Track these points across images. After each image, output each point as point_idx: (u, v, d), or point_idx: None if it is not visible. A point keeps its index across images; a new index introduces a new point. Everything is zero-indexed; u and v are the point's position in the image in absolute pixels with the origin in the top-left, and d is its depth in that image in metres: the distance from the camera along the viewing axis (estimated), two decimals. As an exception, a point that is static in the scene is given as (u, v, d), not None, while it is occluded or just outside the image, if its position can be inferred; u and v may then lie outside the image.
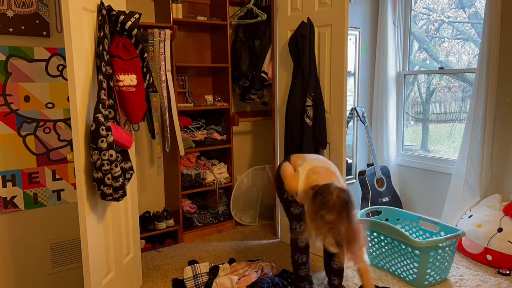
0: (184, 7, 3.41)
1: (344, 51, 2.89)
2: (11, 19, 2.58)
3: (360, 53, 4.08)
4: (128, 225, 2.61)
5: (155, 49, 3.06)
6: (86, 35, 2.07)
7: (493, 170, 3.38)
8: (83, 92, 2.04)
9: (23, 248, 2.77)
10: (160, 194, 3.58)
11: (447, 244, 2.68)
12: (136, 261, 2.72)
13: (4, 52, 2.59)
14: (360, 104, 4.16)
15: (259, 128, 4.04)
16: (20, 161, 2.71)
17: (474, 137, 3.35)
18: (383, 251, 2.89)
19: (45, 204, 2.83)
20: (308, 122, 2.98)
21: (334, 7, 2.91)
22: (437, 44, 4.20)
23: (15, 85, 2.65)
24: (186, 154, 3.49)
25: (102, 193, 2.08)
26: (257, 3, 3.54)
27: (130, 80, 2.22)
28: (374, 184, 3.88)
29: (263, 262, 2.86)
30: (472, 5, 3.81)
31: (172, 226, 3.37)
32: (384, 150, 4.15)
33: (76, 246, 2.94)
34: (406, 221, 3.21)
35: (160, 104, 3.15)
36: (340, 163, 3.01)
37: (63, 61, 2.80)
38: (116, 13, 2.19)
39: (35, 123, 2.74)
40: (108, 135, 2.03)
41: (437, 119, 4.25)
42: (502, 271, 2.85)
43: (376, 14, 4.11)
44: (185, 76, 3.52)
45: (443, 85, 4.14)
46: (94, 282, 2.14)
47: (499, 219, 2.98)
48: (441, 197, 3.74)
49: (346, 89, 2.95)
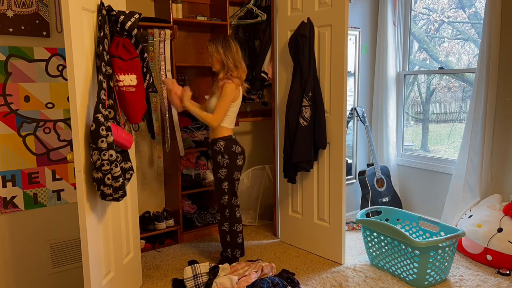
0: (184, 7, 3.41)
1: (344, 51, 2.89)
2: (11, 19, 2.58)
3: (360, 53, 4.08)
4: (128, 225, 2.61)
5: (155, 49, 3.06)
6: (86, 35, 2.07)
7: (493, 170, 3.38)
8: (83, 92, 2.04)
9: (23, 248, 2.77)
10: (160, 194, 3.58)
11: (447, 244, 2.68)
12: (136, 261, 2.72)
13: (4, 52, 2.60)
14: (360, 104, 4.16)
15: (259, 128, 4.04)
16: (20, 161, 2.71)
17: (474, 137, 3.36)
18: (383, 251, 2.89)
19: (45, 204, 2.83)
20: (302, 122, 2.98)
21: (334, 7, 2.91)
22: (437, 44, 4.20)
23: (15, 85, 2.65)
24: (186, 154, 3.49)
25: (102, 193, 2.08)
26: (257, 3, 3.54)
27: (130, 80, 2.23)
28: (374, 184, 3.88)
29: (263, 262, 2.86)
30: (472, 5, 3.81)
31: (172, 226, 3.37)
32: (384, 150, 4.15)
33: (76, 246, 2.95)
34: (406, 221, 3.21)
35: (160, 104, 3.16)
36: (340, 163, 3.02)
37: (63, 61, 2.80)
38: (116, 13, 2.19)
39: (35, 123, 2.74)
40: (108, 135, 2.03)
41: (437, 119, 4.25)
42: (502, 271, 2.85)
43: (376, 14, 4.11)
44: (185, 76, 3.52)
45: (443, 85, 4.14)
46: (94, 282, 2.14)
47: (499, 219, 2.98)
48: (441, 197, 3.75)
49: (346, 89, 2.95)
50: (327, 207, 3.14)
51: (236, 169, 2.87)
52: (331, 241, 3.14)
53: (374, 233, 2.91)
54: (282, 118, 3.33)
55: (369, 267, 3.00)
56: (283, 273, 2.81)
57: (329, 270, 2.97)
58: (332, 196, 3.09)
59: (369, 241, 2.99)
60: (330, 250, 3.15)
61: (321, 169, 3.16)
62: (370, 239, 2.97)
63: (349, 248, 3.34)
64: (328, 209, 3.14)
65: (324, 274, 2.91)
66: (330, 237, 3.14)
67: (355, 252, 3.29)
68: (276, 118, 3.47)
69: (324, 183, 3.14)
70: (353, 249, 3.34)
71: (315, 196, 3.21)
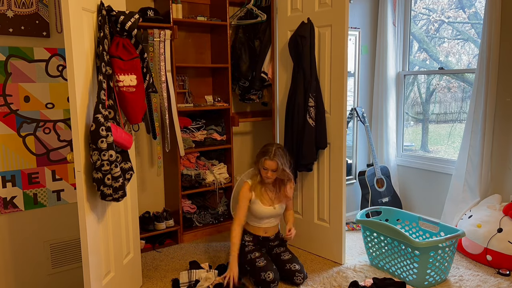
0: (184, 7, 3.41)
1: (344, 51, 2.89)
2: (11, 19, 2.58)
3: (360, 53, 4.08)
4: (128, 226, 2.61)
5: (155, 50, 3.06)
6: (86, 36, 2.07)
7: (493, 170, 3.38)
8: (83, 93, 2.04)
9: (23, 248, 2.77)
10: (160, 195, 3.58)
11: (447, 245, 2.68)
12: (136, 261, 2.72)
13: (4, 53, 2.59)
14: (360, 104, 4.16)
15: (259, 129, 4.04)
16: (20, 161, 2.71)
17: (474, 137, 3.36)
18: (383, 251, 2.89)
19: (45, 205, 2.83)
20: (311, 122, 2.99)
21: (334, 7, 2.91)
22: (437, 44, 4.20)
23: (15, 85, 2.65)
24: (186, 155, 3.49)
25: (102, 194, 2.08)
26: (257, 3, 3.54)
27: (130, 81, 2.22)
28: (374, 185, 3.88)
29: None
30: (472, 5, 3.81)
31: (172, 227, 3.37)
32: (384, 150, 4.15)
33: (76, 246, 2.94)
34: (406, 222, 3.21)
35: (160, 104, 3.15)
36: (340, 163, 3.02)
37: (63, 61, 2.80)
38: (116, 14, 2.19)
39: (35, 124, 2.74)
40: (108, 135, 2.03)
41: (437, 119, 4.26)
42: (502, 271, 2.85)
43: (376, 14, 4.11)
44: (185, 76, 3.52)
45: (443, 86, 4.14)
46: (94, 282, 2.14)
47: (499, 219, 2.98)
48: (441, 198, 3.75)
49: (346, 90, 2.95)
50: (327, 207, 3.14)
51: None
52: (331, 241, 3.13)
53: (374, 233, 2.91)
54: (282, 118, 3.33)
55: (369, 267, 3.00)
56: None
57: (329, 270, 2.97)
58: (332, 196, 3.09)
59: (369, 242, 2.99)
60: (330, 250, 3.15)
61: (321, 169, 3.16)
62: (370, 239, 2.97)
63: (349, 248, 3.34)
64: (328, 209, 3.14)
65: (324, 274, 2.91)
66: (330, 237, 3.14)
67: (355, 252, 3.29)
68: (276, 118, 3.47)
69: (324, 183, 3.14)
70: (353, 249, 3.34)
71: (315, 196, 3.21)
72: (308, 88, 2.99)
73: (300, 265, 2.80)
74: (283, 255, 2.83)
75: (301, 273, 2.75)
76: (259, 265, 2.69)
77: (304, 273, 2.78)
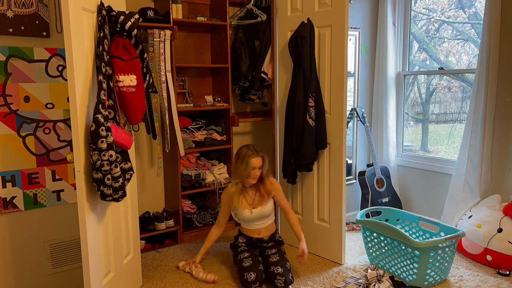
0: (184, 7, 3.41)
1: (344, 51, 2.89)
2: (11, 19, 2.58)
3: (360, 53, 4.08)
4: (128, 226, 2.61)
5: (155, 50, 3.06)
6: (86, 36, 2.07)
7: (493, 171, 3.38)
8: (83, 93, 2.04)
9: (23, 249, 2.77)
10: (160, 195, 3.58)
11: (447, 245, 2.68)
12: (136, 261, 2.72)
13: (4, 53, 2.60)
14: (360, 104, 4.16)
15: (259, 129, 4.04)
16: (20, 161, 2.71)
17: (474, 138, 3.36)
18: (383, 251, 2.89)
19: (45, 205, 2.83)
20: (311, 123, 2.99)
21: (334, 7, 2.91)
22: (437, 44, 4.20)
23: (15, 85, 2.65)
24: (186, 155, 3.49)
25: (102, 194, 2.08)
26: (257, 3, 3.54)
27: (130, 81, 2.22)
28: (374, 185, 3.88)
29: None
30: (472, 5, 3.81)
31: (172, 227, 3.37)
32: (384, 150, 4.15)
33: (76, 246, 2.95)
34: (406, 222, 3.21)
35: (160, 104, 3.16)
36: (340, 163, 3.02)
37: (63, 61, 2.80)
38: (116, 14, 2.19)
39: (35, 124, 2.74)
40: (108, 135, 2.03)
41: (437, 119, 4.26)
42: (502, 271, 2.85)
43: (376, 15, 4.11)
44: (185, 76, 3.52)
45: (443, 86, 4.14)
46: (94, 282, 2.14)
47: (499, 219, 2.98)
48: (441, 198, 3.75)
49: (346, 90, 2.95)
50: (327, 208, 3.14)
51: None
52: (331, 242, 3.13)
53: (374, 233, 2.91)
54: (282, 119, 3.33)
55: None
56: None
57: (329, 271, 2.97)
58: (332, 197, 3.09)
59: (369, 242, 2.99)
60: (330, 251, 3.15)
61: (321, 170, 3.16)
62: (370, 239, 2.97)
63: (349, 248, 3.34)
64: (328, 209, 3.14)
65: (324, 275, 2.91)
66: (330, 238, 3.14)
67: (355, 253, 3.29)
68: (276, 118, 3.47)
69: (324, 183, 3.14)
70: (353, 250, 3.34)
71: (315, 196, 3.21)
72: (308, 88, 2.99)
73: (285, 268, 2.69)
74: (272, 257, 2.81)
75: (282, 276, 2.62)
76: (244, 265, 2.71)
77: (286, 277, 2.64)
